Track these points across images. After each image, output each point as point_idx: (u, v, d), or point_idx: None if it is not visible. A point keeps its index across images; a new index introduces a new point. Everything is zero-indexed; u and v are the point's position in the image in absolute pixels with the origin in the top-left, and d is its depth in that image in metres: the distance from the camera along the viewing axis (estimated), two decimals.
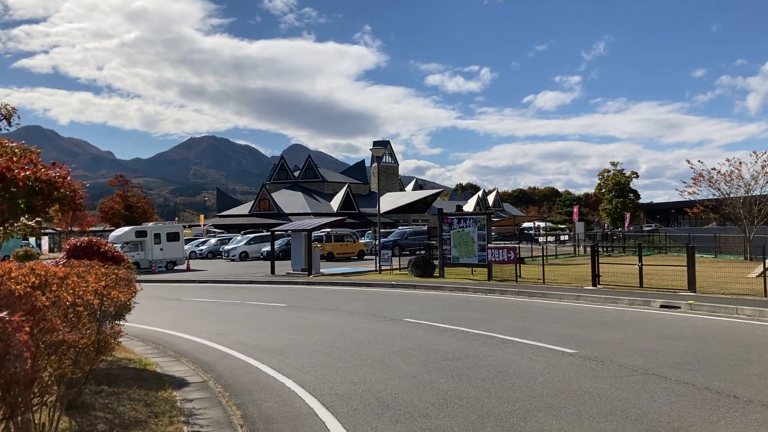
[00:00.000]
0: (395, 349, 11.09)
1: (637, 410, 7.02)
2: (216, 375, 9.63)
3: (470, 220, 25.99)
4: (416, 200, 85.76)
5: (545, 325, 13.38)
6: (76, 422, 6.65)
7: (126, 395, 7.99)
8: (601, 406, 7.21)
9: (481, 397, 7.81)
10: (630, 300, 16.73)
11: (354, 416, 7.19)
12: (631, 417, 6.78)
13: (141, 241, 38.32)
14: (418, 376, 9.05)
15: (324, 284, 25.58)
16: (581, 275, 22.95)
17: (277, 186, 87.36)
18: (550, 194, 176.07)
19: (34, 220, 3.05)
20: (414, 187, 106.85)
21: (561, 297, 18.36)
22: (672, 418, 6.72)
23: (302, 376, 9.28)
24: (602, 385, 8.17)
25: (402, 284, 23.63)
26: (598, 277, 20.35)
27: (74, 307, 5.71)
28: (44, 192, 2.99)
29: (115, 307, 7.31)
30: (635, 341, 11.24)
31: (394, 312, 16.12)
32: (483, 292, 20.55)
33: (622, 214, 66.05)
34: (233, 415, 7.41)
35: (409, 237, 45.77)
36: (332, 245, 42.98)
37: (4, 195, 2.90)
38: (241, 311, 17.79)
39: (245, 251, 46.58)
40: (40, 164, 3.13)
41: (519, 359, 9.97)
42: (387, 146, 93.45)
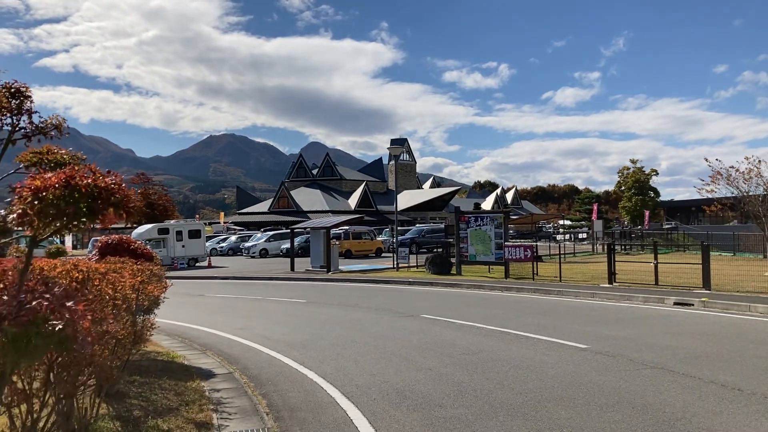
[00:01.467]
0: (413, 344, 11.47)
1: (643, 401, 7.35)
2: (241, 367, 10.07)
3: (487, 218, 26.28)
4: (434, 198, 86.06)
5: (559, 322, 13.69)
6: (113, 408, 7.11)
7: (157, 385, 8.45)
8: (609, 398, 7.54)
9: (495, 388, 8.17)
10: (644, 297, 16.98)
11: (373, 405, 7.59)
12: (638, 407, 7.12)
13: (163, 238, 39.02)
14: (435, 369, 9.42)
15: (342, 281, 26.03)
16: (598, 273, 23.18)
17: (295, 184, 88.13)
18: (569, 191, 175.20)
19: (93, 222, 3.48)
20: (432, 184, 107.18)
21: (576, 294, 18.64)
22: (676, 408, 7.05)
23: (323, 368, 9.70)
24: (611, 378, 8.50)
25: (419, 281, 24.01)
26: (614, 274, 20.58)
27: (114, 301, 6.16)
28: (103, 198, 3.41)
29: (149, 301, 7.77)
30: (646, 337, 11.54)
31: (411, 308, 16.50)
32: (499, 290, 20.87)
33: (642, 211, 65.91)
34: (259, 404, 7.83)
35: (427, 235, 46.11)
36: (350, 243, 43.45)
37: (69, 200, 3.32)
38: (263, 307, 18.27)
39: (265, 248, 47.20)
40: (98, 172, 3.56)
41: (532, 354, 10.31)
42: (404, 144, 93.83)
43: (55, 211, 3.33)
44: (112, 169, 4.03)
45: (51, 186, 3.29)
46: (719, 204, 37.12)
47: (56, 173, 3.33)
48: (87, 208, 3.38)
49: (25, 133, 5.30)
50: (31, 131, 5.28)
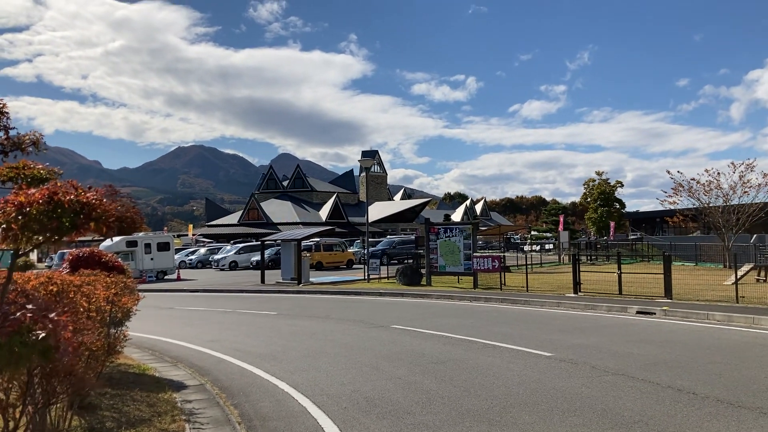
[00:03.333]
0: (383, 354, 11.67)
1: (603, 406, 7.65)
2: (212, 378, 10.16)
3: (456, 229, 26.64)
4: (405, 209, 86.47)
5: (525, 331, 14.02)
6: (85, 420, 7.17)
7: (129, 397, 8.52)
8: (571, 403, 7.83)
9: (462, 395, 8.41)
10: (608, 306, 17.42)
11: (343, 413, 7.76)
12: (598, 411, 7.41)
13: (132, 251, 38.66)
14: (404, 377, 9.63)
15: (313, 293, 26.11)
16: (563, 283, 23.65)
17: (266, 195, 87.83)
18: (537, 203, 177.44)
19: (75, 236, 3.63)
20: (402, 196, 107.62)
21: (543, 304, 19.03)
22: (634, 412, 7.36)
23: (294, 378, 9.84)
24: (574, 384, 8.80)
25: (390, 292, 24.22)
26: (579, 284, 21.04)
27: (88, 313, 6.27)
28: (86, 213, 3.56)
29: (122, 313, 7.86)
30: (609, 345, 11.90)
31: (382, 319, 16.70)
32: (468, 300, 21.18)
33: (608, 223, 67.02)
34: (231, 414, 7.95)
35: (398, 246, 46.41)
36: (321, 254, 43.52)
37: (52, 215, 3.47)
38: (234, 319, 18.30)
39: (235, 261, 47.01)
40: (80, 188, 3.71)
41: (498, 362, 10.59)
42: (375, 156, 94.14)
43: (39, 225, 3.49)
44: (78, 180, 4.18)
45: (35, 201, 3.45)
46: (681, 215, 38.10)
47: (40, 189, 3.49)
48: (70, 222, 3.54)
49: (2, 149, 5.43)
50: (8, 147, 5.41)
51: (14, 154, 5.41)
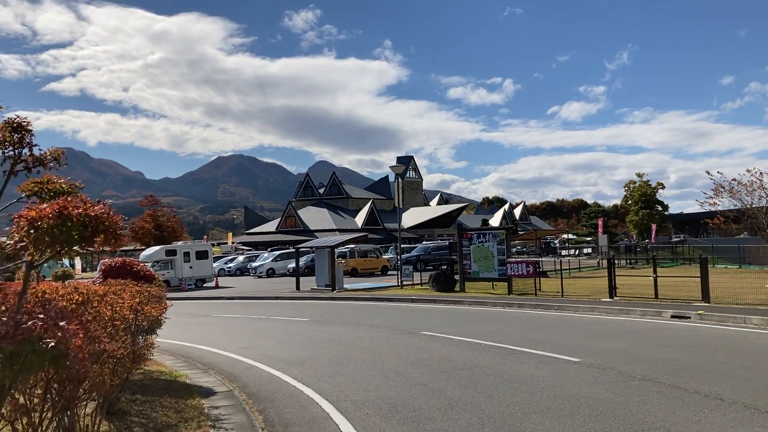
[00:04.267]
0: (410, 360, 11.71)
1: (626, 411, 7.58)
2: (241, 385, 10.34)
3: (490, 234, 26.53)
4: (441, 215, 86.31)
5: (556, 336, 13.91)
6: (114, 426, 7.39)
7: (158, 403, 8.73)
8: (594, 408, 7.77)
9: (485, 401, 8.41)
10: (642, 311, 17.16)
11: (365, 419, 7.84)
12: (620, 417, 7.34)
13: (171, 259, 39.43)
14: (429, 384, 9.67)
15: (347, 299, 26.28)
16: (600, 288, 23.33)
17: (302, 203, 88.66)
18: (578, 206, 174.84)
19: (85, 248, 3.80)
20: (439, 201, 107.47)
21: (576, 309, 18.83)
22: (657, 417, 7.27)
23: (320, 384, 9.96)
24: (599, 390, 8.72)
25: (422, 299, 24.23)
26: (615, 289, 20.76)
27: (113, 321, 6.48)
28: (93, 226, 3.73)
29: (148, 321, 8.08)
30: (639, 350, 11.74)
31: (412, 325, 16.73)
32: (501, 306, 21.07)
33: (649, 225, 65.91)
34: (255, 420, 8.10)
35: (433, 252, 46.33)
36: (356, 261, 43.72)
37: (62, 229, 3.64)
38: (267, 326, 18.55)
39: (272, 268, 47.55)
40: (88, 202, 3.87)
41: (525, 368, 10.54)
42: (410, 162, 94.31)
43: (50, 238, 3.66)
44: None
45: (45, 216, 3.62)
46: (723, 217, 37.20)
47: (50, 204, 3.66)
48: (78, 235, 3.70)
49: (26, 165, 5.67)
50: (31, 163, 5.66)
51: (37, 169, 5.66)
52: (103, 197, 4.63)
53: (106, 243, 3.90)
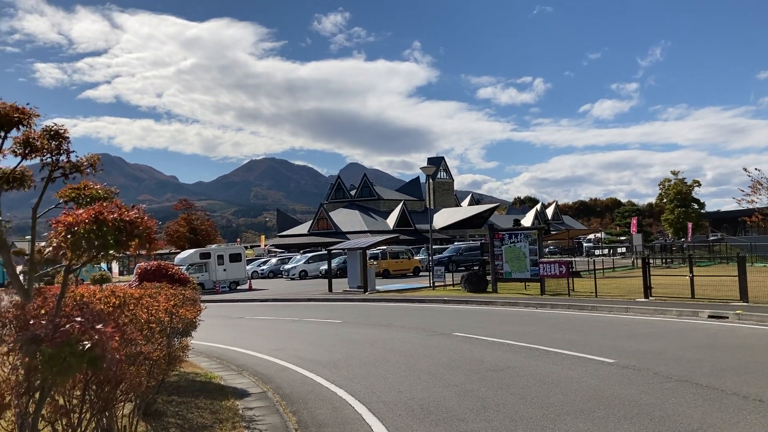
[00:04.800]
0: (442, 361, 11.69)
1: (661, 413, 7.47)
2: (275, 386, 10.44)
3: (521, 235, 26.36)
4: (472, 215, 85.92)
5: (590, 337, 13.76)
6: (151, 426, 7.52)
7: (194, 404, 8.87)
8: (628, 410, 7.68)
9: (517, 403, 8.36)
10: (678, 311, 16.87)
11: (397, 420, 7.86)
12: (655, 419, 7.24)
13: (205, 262, 39.94)
14: (461, 385, 9.64)
15: (379, 301, 26.33)
16: (634, 288, 23.01)
17: (334, 205, 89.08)
18: (612, 205, 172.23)
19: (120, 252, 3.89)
20: (470, 202, 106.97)
21: (611, 309, 18.59)
22: (693, 419, 7.15)
23: (353, 386, 10.00)
24: (634, 392, 8.60)
25: (454, 300, 24.16)
26: (650, 288, 20.45)
27: (148, 324, 6.60)
28: (127, 230, 3.81)
29: (182, 324, 8.21)
30: (675, 350, 11.55)
31: (444, 327, 16.70)
32: (534, 307, 20.91)
33: (685, 224, 64.70)
34: (289, 421, 8.18)
35: (464, 253, 46.14)
36: (387, 262, 43.75)
37: (98, 233, 3.74)
38: (299, 328, 18.68)
39: (304, 270, 47.85)
40: (123, 207, 3.97)
41: (559, 369, 10.45)
42: (441, 162, 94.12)
43: (86, 243, 3.75)
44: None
45: (82, 221, 3.72)
46: (761, 214, 36.39)
47: (86, 209, 3.76)
48: (114, 240, 3.80)
49: (63, 172, 5.82)
50: (68, 169, 5.80)
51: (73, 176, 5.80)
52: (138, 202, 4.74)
53: (141, 247, 3.98)
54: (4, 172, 6.20)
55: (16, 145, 5.89)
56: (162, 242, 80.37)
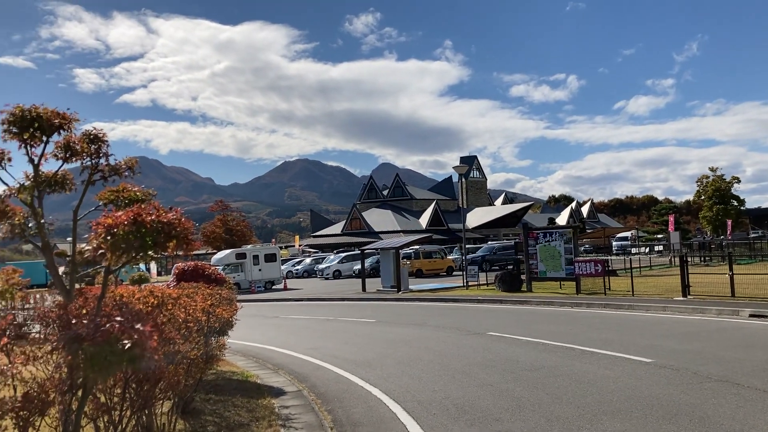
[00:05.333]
0: (476, 361, 11.65)
1: (701, 414, 7.33)
2: (310, 385, 10.52)
3: (556, 233, 26.10)
4: (506, 214, 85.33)
5: (626, 336, 13.56)
6: (189, 424, 7.65)
7: (231, 402, 8.99)
8: (667, 410, 7.55)
9: (553, 403, 8.29)
10: (718, 310, 16.53)
11: (432, 419, 7.86)
12: (695, 420, 7.11)
13: (241, 262, 40.39)
14: (496, 384, 9.60)
15: (412, 300, 26.32)
16: (672, 286, 22.59)
17: (367, 205, 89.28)
18: (648, 202, 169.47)
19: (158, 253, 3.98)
20: (504, 200, 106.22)
21: (648, 308, 18.30)
22: (735, 420, 7.01)
23: (387, 385, 10.03)
24: (673, 392, 8.46)
25: (488, 299, 24.03)
26: (688, 287, 20.07)
27: (186, 323, 6.71)
28: (165, 231, 3.90)
29: (219, 323, 8.33)
30: (715, 350, 11.33)
31: (478, 326, 16.63)
32: (569, 306, 20.68)
33: (724, 221, 63.33)
34: (324, 419, 8.23)
35: (498, 252, 45.85)
36: (421, 262, 43.70)
37: (136, 235, 3.82)
38: (334, 327, 18.79)
39: (338, 270, 48.07)
40: (161, 209, 4.05)
41: (595, 368, 10.32)
42: (474, 161, 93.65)
43: (125, 244, 3.84)
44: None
45: (121, 223, 3.81)
46: None
47: (125, 211, 3.85)
48: (152, 241, 3.88)
49: (103, 175, 5.96)
50: (107, 172, 5.94)
51: (113, 178, 5.94)
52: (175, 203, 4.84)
53: (179, 248, 4.06)
54: (47, 176, 6.37)
55: (57, 149, 6.06)
56: (199, 243, 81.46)
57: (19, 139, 5.81)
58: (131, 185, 6.10)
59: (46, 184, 6.27)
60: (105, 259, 3.95)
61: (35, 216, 6.06)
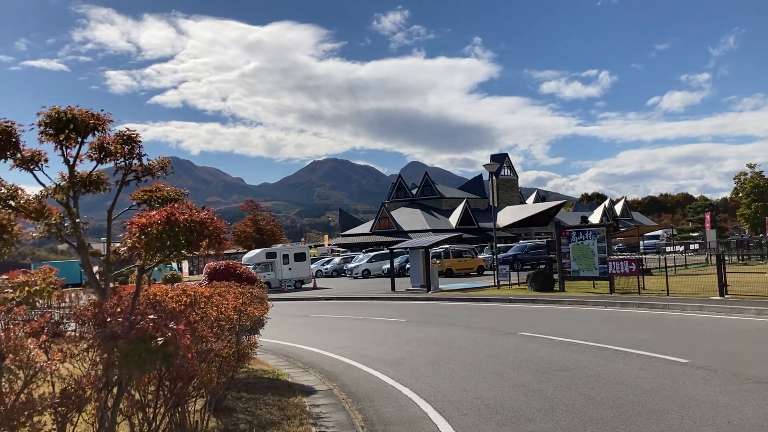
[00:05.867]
0: (508, 361, 11.55)
1: (741, 416, 7.16)
2: (340, 384, 10.53)
3: (589, 232, 25.78)
4: (538, 213, 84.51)
5: (661, 336, 13.33)
6: (221, 422, 7.70)
7: (262, 401, 9.03)
8: (705, 412, 7.39)
9: (586, 403, 8.18)
10: (757, 310, 16.15)
11: (463, 420, 7.80)
12: (734, 422, 6.95)
13: (271, 261, 40.67)
14: (528, 385, 9.50)
15: (442, 300, 26.23)
16: (708, 285, 22.16)
17: (396, 204, 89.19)
18: (683, 200, 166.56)
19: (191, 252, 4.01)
20: (535, 199, 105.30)
21: (683, 308, 17.97)
22: None
23: (418, 384, 9.99)
24: (710, 393, 8.29)
25: (520, 299, 23.83)
26: (726, 286, 19.66)
27: (218, 322, 6.76)
28: (198, 230, 3.92)
29: (251, 321, 8.39)
30: (754, 351, 11.08)
31: (509, 326, 16.50)
32: (603, 305, 20.41)
33: (763, 219, 61.98)
34: (355, 419, 8.23)
35: (530, 251, 45.41)
36: (451, 261, 43.51)
37: (170, 234, 3.85)
38: (363, 326, 18.80)
39: (367, 269, 48.12)
40: (193, 208, 4.08)
41: (629, 369, 10.16)
42: (504, 159, 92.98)
43: (159, 243, 3.88)
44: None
45: (155, 222, 3.84)
46: None
47: (158, 211, 3.89)
48: (185, 240, 3.91)
49: (136, 175, 6.04)
50: (141, 172, 6.02)
51: (145, 179, 6.02)
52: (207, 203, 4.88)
53: (211, 247, 4.09)
54: (82, 177, 6.47)
55: (92, 150, 6.15)
56: (230, 242, 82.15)
57: (55, 141, 5.92)
58: (164, 185, 6.18)
59: (81, 184, 6.38)
60: (139, 258, 3.99)
61: (71, 216, 6.17)
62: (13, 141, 5.87)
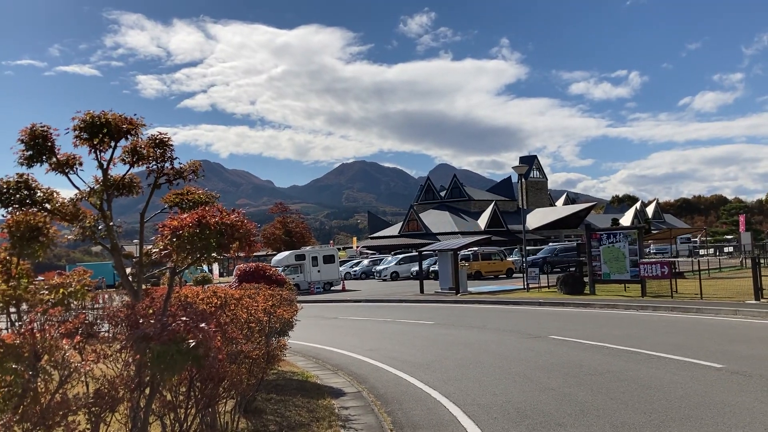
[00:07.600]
0: (538, 364, 11.45)
1: None
2: (369, 386, 10.54)
3: (620, 234, 25.44)
4: (567, 215, 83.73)
5: (695, 341, 13.10)
6: (251, 423, 7.76)
7: (291, 402, 9.08)
8: (740, 418, 7.24)
9: (618, 408, 8.07)
10: None
11: (493, 424, 7.75)
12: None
13: (300, 264, 40.90)
14: (558, 389, 9.40)
15: (471, 302, 26.10)
16: (743, 289, 21.70)
17: (424, 207, 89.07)
18: (717, 202, 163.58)
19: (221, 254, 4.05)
20: (565, 201, 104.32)
21: (717, 312, 17.63)
22: None
23: (447, 387, 9.95)
24: (746, 399, 8.11)
25: (550, 302, 23.61)
26: (762, 290, 19.25)
27: (248, 324, 6.82)
28: (228, 233, 3.96)
29: (280, 323, 8.44)
30: None
31: (539, 329, 16.35)
32: (634, 309, 20.13)
33: None
34: (384, 421, 8.23)
35: (560, 254, 44.96)
36: (479, 264, 43.28)
37: (201, 236, 3.90)
38: (392, 328, 18.79)
39: (396, 271, 48.10)
40: (224, 211, 4.13)
41: (662, 373, 10.00)
42: (533, 161, 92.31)
43: (190, 246, 3.92)
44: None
45: (186, 225, 3.89)
46: None
47: (190, 214, 3.94)
48: (216, 242, 3.95)
49: (168, 178, 6.13)
50: (172, 175, 6.10)
51: (177, 182, 6.10)
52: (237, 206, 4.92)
53: (241, 249, 4.13)
54: (115, 180, 6.59)
55: (124, 154, 6.26)
56: (260, 244, 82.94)
57: (89, 145, 6.03)
58: (195, 188, 6.25)
59: (114, 187, 6.49)
60: (171, 260, 4.04)
61: (104, 219, 6.27)
62: (49, 145, 6.00)
